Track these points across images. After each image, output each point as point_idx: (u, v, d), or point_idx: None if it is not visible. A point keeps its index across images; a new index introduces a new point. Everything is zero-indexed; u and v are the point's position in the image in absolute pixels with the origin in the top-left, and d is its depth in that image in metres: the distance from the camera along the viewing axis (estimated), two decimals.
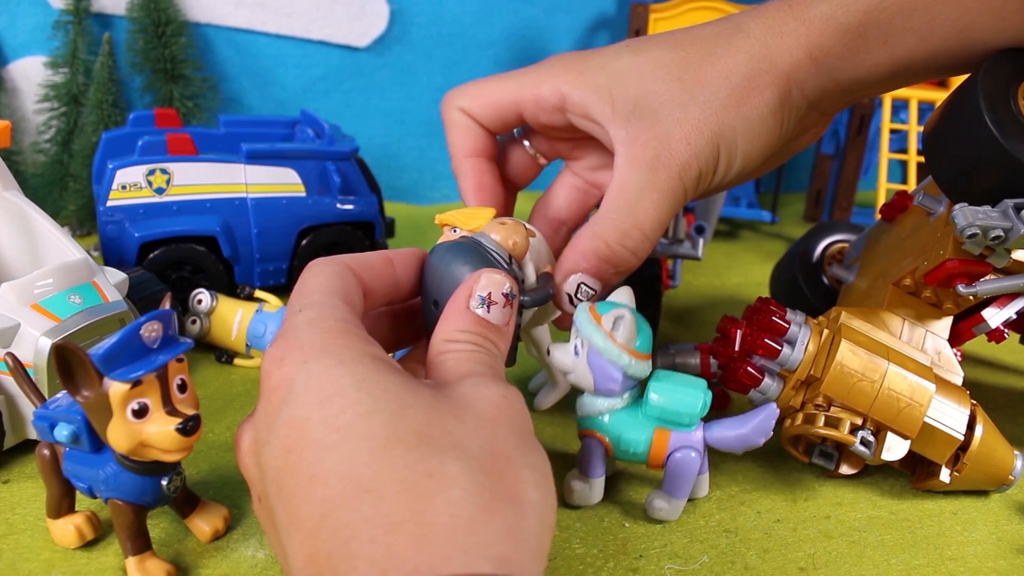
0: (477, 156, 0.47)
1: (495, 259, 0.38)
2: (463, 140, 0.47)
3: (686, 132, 0.41)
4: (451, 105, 0.47)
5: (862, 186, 0.96)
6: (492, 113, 0.46)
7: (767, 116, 0.42)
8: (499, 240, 0.39)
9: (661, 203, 0.42)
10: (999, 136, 0.39)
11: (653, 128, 0.42)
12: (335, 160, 0.67)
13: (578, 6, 0.98)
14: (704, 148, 0.41)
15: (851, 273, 0.56)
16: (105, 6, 0.81)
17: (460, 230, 0.41)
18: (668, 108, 0.42)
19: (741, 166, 0.43)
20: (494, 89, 0.46)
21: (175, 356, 0.34)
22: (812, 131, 0.47)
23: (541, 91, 0.44)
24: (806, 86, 0.42)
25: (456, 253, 0.38)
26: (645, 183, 0.41)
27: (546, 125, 0.46)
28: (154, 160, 0.61)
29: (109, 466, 0.36)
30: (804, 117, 0.44)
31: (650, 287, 0.60)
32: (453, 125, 0.47)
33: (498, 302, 0.36)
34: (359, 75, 0.93)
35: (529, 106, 0.45)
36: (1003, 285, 0.42)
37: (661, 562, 0.41)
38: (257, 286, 0.66)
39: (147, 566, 0.37)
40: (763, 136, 0.42)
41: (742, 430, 0.41)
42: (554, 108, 0.44)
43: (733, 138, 0.42)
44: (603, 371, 0.40)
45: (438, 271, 0.38)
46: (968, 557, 0.43)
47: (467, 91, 0.46)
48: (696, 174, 0.42)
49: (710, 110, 0.41)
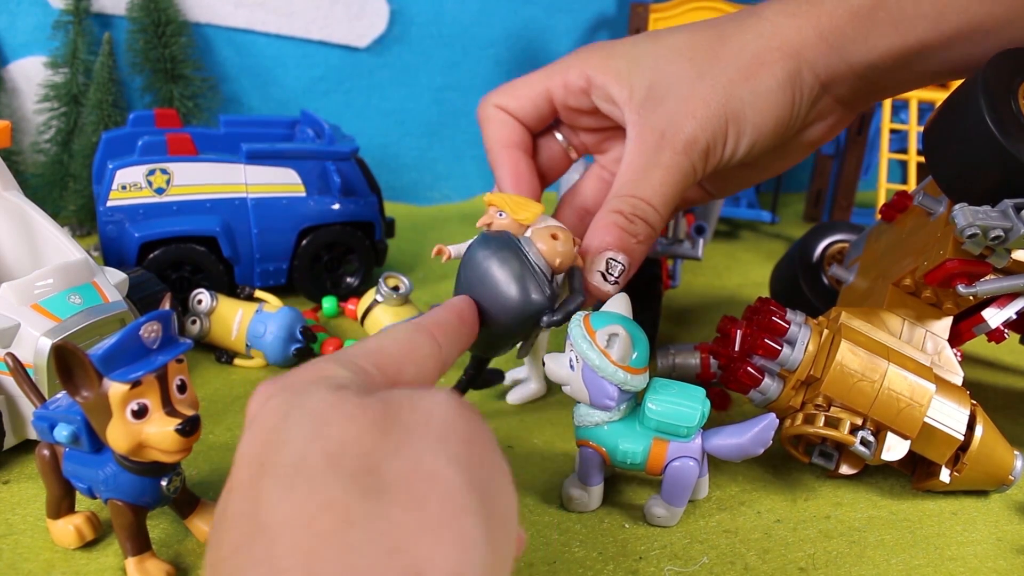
0: (513, 147, 0.49)
1: (536, 271, 0.38)
2: (498, 132, 0.49)
3: (692, 107, 0.43)
4: (486, 103, 0.49)
5: (862, 186, 0.96)
6: (526, 105, 0.48)
7: (776, 90, 0.43)
8: (545, 253, 0.38)
9: (667, 178, 0.43)
10: (999, 136, 0.39)
11: (662, 108, 0.43)
12: (335, 160, 0.67)
13: (578, 6, 0.98)
14: (711, 120, 0.43)
15: (851, 273, 0.56)
16: (105, 6, 0.81)
17: (506, 215, 0.41)
18: (677, 87, 0.43)
19: (752, 139, 0.44)
20: (525, 83, 0.48)
21: (175, 357, 0.34)
22: (831, 122, 0.47)
23: (569, 75, 0.46)
24: (817, 65, 0.43)
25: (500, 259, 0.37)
26: (651, 161, 0.43)
27: (574, 110, 0.48)
28: (154, 160, 0.61)
29: (109, 467, 0.36)
30: (818, 100, 0.45)
31: (650, 287, 0.60)
32: (488, 120, 0.49)
33: None
34: (359, 75, 0.93)
35: (559, 91, 0.47)
36: (1003, 285, 0.42)
37: (661, 563, 0.40)
38: (257, 286, 0.66)
39: (147, 566, 0.37)
40: (773, 109, 0.43)
41: (740, 440, 0.41)
42: (581, 91, 0.46)
43: (742, 110, 0.43)
44: (598, 387, 0.40)
45: (479, 270, 0.38)
46: (968, 557, 0.42)
47: (500, 90, 0.49)
48: (703, 147, 0.43)
49: (718, 84, 0.43)
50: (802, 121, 0.45)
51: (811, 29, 0.43)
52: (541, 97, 0.48)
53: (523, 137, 0.49)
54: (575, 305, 0.39)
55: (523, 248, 0.38)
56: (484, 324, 0.38)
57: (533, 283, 0.37)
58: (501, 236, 0.39)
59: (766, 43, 0.43)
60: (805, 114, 0.45)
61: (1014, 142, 0.39)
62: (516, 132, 0.49)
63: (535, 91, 0.48)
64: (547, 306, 0.38)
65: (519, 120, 0.49)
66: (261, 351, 0.57)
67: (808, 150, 0.49)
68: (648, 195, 0.43)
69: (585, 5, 0.98)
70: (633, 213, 0.43)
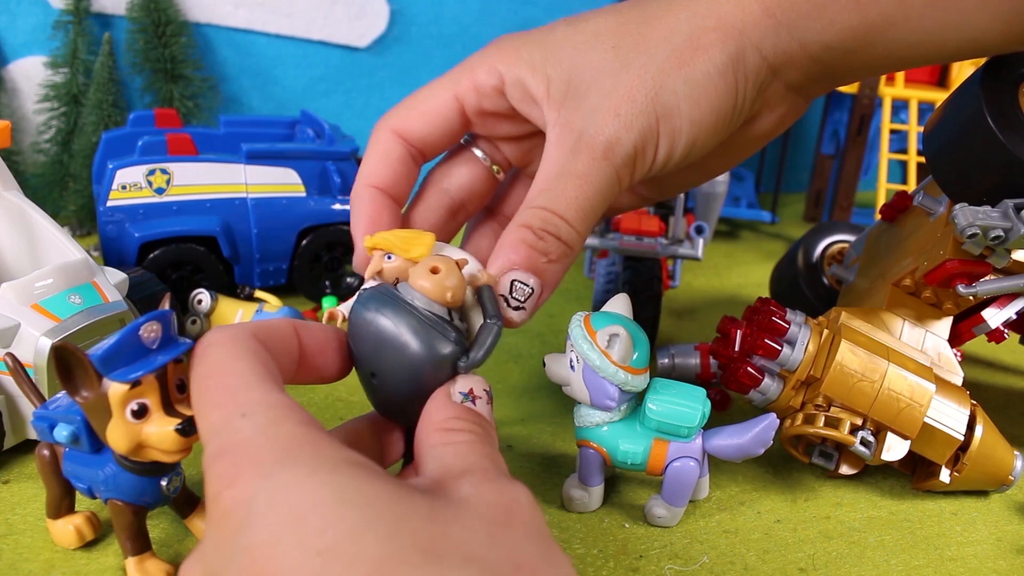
0: (382, 190, 0.40)
1: (430, 317, 0.32)
2: (375, 167, 0.40)
3: (615, 103, 0.36)
4: (381, 126, 0.41)
5: (862, 186, 0.96)
6: (430, 121, 0.40)
7: (714, 76, 0.37)
8: (430, 293, 0.32)
9: (584, 188, 0.36)
10: (1000, 135, 0.39)
11: (582, 106, 0.37)
12: (335, 160, 0.67)
13: (578, 6, 0.98)
14: (637, 118, 0.36)
15: (851, 273, 0.56)
16: (105, 6, 0.81)
17: (395, 257, 0.34)
18: (599, 80, 0.37)
19: (691, 137, 0.38)
20: (428, 94, 0.40)
21: (175, 357, 0.34)
22: (781, 111, 0.41)
23: (477, 75, 0.39)
24: (763, 46, 0.37)
25: (387, 320, 0.32)
26: (566, 168, 0.37)
27: (490, 114, 0.41)
28: (154, 160, 0.61)
29: (109, 466, 0.36)
30: (766, 87, 0.39)
31: (650, 287, 0.60)
32: (373, 146, 0.41)
33: (481, 397, 0.32)
34: (359, 75, 0.93)
35: (469, 96, 0.40)
36: (1003, 285, 0.42)
37: (661, 562, 0.40)
38: (257, 286, 0.66)
39: (147, 566, 0.37)
40: (712, 99, 0.37)
41: (741, 440, 0.41)
42: (493, 90, 0.39)
43: (675, 104, 0.37)
44: (599, 388, 0.40)
45: (370, 341, 0.33)
46: (968, 557, 0.42)
47: (400, 107, 0.41)
48: (628, 152, 0.37)
49: (646, 75, 0.36)
50: (748, 112, 0.39)
51: (756, 5, 0.37)
52: (448, 108, 0.40)
53: (400, 183, 0.40)
54: (492, 337, 0.33)
55: (405, 297, 0.33)
56: (400, 395, 0.33)
57: (434, 334, 0.32)
58: (378, 293, 0.33)
59: (701, 22, 0.37)
60: (751, 104, 0.39)
61: (1015, 141, 0.39)
62: (394, 174, 0.40)
63: (440, 102, 0.40)
64: (459, 351, 0.32)
65: (419, 149, 0.41)
66: None
67: (756, 145, 0.43)
68: (561, 208, 0.36)
69: (585, 5, 0.98)
70: (543, 228, 0.36)
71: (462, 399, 0.32)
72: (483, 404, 0.33)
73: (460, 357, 0.32)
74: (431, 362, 0.32)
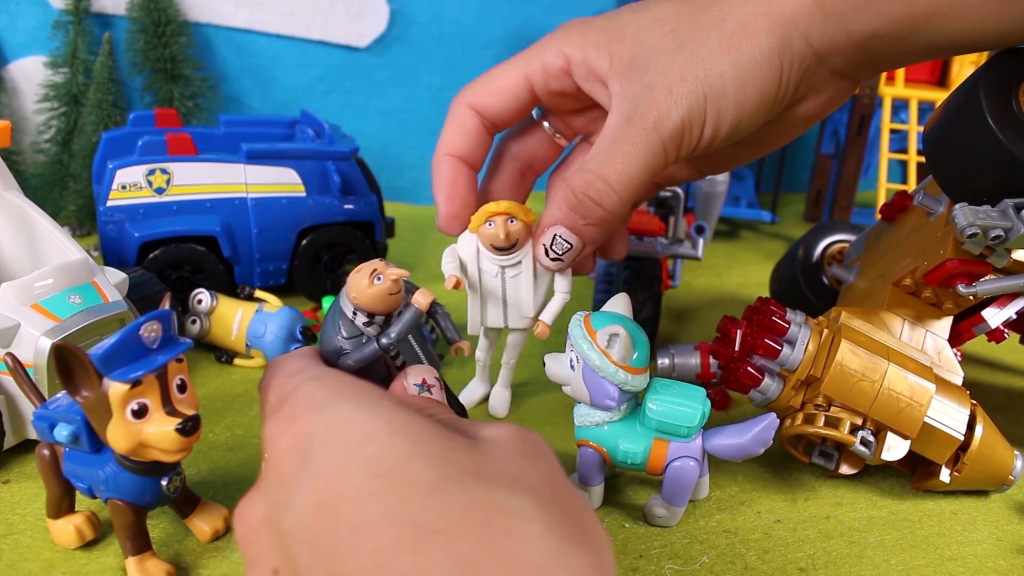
0: (459, 159, 0.45)
1: (343, 317, 0.36)
2: (452, 137, 0.45)
3: (668, 81, 0.39)
4: (459, 100, 0.45)
5: (862, 186, 0.96)
6: (503, 98, 0.44)
7: (761, 62, 0.39)
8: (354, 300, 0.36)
9: (632, 155, 0.40)
10: (1000, 134, 0.39)
11: (640, 80, 0.40)
12: (335, 160, 0.67)
13: (578, 6, 0.98)
14: (687, 96, 0.39)
15: (851, 273, 0.56)
16: (105, 6, 0.81)
17: (517, 220, 0.43)
18: (657, 59, 0.40)
19: (735, 117, 0.40)
20: (501, 73, 0.45)
21: (174, 356, 0.34)
22: (827, 95, 0.43)
23: (546, 57, 0.43)
24: (811, 34, 0.39)
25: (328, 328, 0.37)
26: (619, 135, 0.40)
27: (557, 93, 0.45)
28: (154, 160, 0.61)
29: (109, 466, 0.36)
30: (811, 72, 0.41)
31: (650, 287, 0.60)
32: (451, 119, 0.45)
33: (435, 385, 0.36)
34: (359, 75, 0.93)
35: (538, 76, 0.44)
36: (1003, 285, 0.42)
37: (661, 562, 0.40)
38: (257, 286, 0.66)
39: (147, 566, 0.37)
40: (757, 84, 0.39)
41: (741, 440, 0.41)
42: (561, 71, 0.43)
43: (722, 86, 0.39)
44: (599, 387, 0.40)
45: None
46: (968, 557, 0.42)
47: (475, 84, 0.45)
48: (677, 124, 0.39)
49: (697, 57, 0.39)
50: (792, 95, 0.42)
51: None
52: (519, 87, 0.44)
53: (476, 151, 0.46)
54: (409, 316, 0.37)
55: (343, 307, 0.37)
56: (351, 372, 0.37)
57: (335, 327, 0.37)
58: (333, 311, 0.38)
59: (752, 10, 0.39)
60: (795, 88, 0.41)
61: (1015, 141, 0.39)
62: (472, 143, 0.45)
63: (512, 81, 0.44)
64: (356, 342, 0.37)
65: (492, 121, 0.45)
66: (261, 351, 0.57)
67: (804, 126, 0.45)
68: (607, 173, 0.40)
69: (585, 5, 0.98)
70: (585, 192, 0.40)
71: (418, 390, 0.36)
72: (438, 392, 0.36)
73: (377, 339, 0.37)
74: (330, 350, 0.37)
